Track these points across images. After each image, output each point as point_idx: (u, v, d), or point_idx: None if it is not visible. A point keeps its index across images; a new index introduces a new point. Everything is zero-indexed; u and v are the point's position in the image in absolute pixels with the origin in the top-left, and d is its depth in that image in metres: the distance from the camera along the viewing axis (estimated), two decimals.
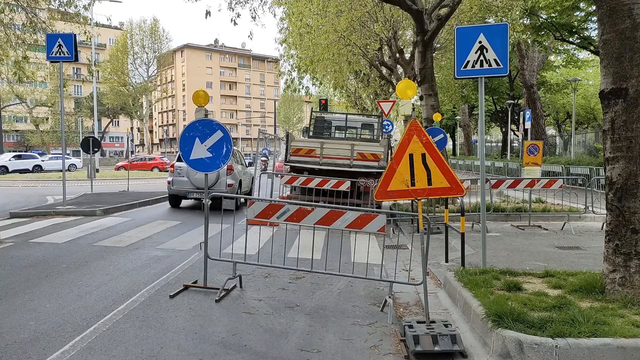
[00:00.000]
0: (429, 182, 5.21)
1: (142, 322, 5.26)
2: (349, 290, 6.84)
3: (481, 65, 6.69)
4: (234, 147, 13.96)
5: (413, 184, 5.22)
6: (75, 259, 8.16)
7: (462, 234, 7.46)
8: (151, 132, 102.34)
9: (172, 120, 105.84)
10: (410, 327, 5.04)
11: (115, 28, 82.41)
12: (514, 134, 43.06)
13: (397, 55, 22.01)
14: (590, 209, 11.97)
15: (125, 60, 65.47)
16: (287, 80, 24.22)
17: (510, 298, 5.40)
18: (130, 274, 7.26)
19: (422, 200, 5.36)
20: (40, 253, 8.60)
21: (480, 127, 7.01)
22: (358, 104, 34.47)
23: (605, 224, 5.63)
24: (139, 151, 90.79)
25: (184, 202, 16.28)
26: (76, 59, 13.08)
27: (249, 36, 18.00)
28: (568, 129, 46.63)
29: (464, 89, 33.92)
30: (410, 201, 13.54)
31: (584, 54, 36.76)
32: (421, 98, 14.84)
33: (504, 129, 40.48)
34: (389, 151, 13.10)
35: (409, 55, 22.74)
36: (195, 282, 6.69)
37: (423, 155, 5.21)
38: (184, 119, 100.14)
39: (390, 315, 5.65)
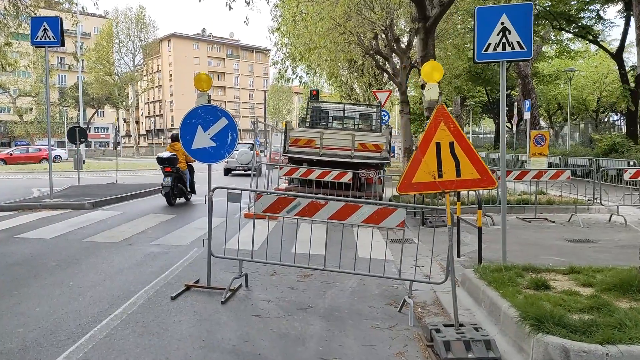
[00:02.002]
0: (458, 173, 4.77)
1: (142, 328, 4.78)
2: (361, 289, 6.42)
3: (503, 48, 6.26)
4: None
5: (440, 176, 4.78)
6: (65, 256, 7.64)
7: (479, 228, 7.06)
8: (137, 123, 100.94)
9: (159, 111, 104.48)
10: (438, 331, 4.63)
11: (100, 17, 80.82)
12: (507, 125, 42.88)
13: (393, 43, 21.53)
14: (598, 200, 11.64)
15: (111, 49, 64.13)
16: (280, 69, 23.66)
17: (542, 298, 5.01)
18: (126, 272, 6.76)
19: (447, 193, 4.92)
20: (27, 250, 8.06)
21: (501, 116, 6.58)
22: (351, 96, 33.97)
23: None
24: (124, 142, 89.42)
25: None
26: (62, 44, 12.41)
27: (244, 22, 17.48)
28: (558, 121, 46.61)
29: (457, 80, 33.54)
30: (413, 194, 13.14)
31: (576, 45, 36.61)
32: (422, 87, 14.40)
33: (496, 120, 40.22)
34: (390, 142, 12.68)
35: (405, 44, 22.28)
36: (197, 281, 6.21)
37: (451, 143, 4.77)
38: (172, 110, 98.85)
39: (411, 317, 5.23)
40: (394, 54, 22.54)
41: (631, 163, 15.54)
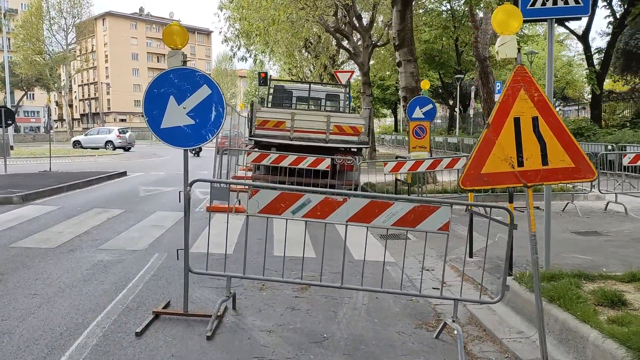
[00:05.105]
0: (545, 160, 3.50)
1: None
2: (377, 306, 5.10)
3: (554, 3, 5.03)
4: None
5: (521, 164, 3.49)
6: None
7: (511, 226, 5.84)
8: (71, 106, 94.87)
9: (94, 94, 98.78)
10: None
11: None
12: (456, 110, 42.60)
13: (355, 21, 20.20)
14: (595, 188, 10.89)
15: (41, 26, 59.15)
16: (232, 47, 21.85)
17: (632, 322, 3.87)
18: (70, 293, 5.10)
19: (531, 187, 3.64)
20: None
21: (548, 87, 5.38)
22: (304, 79, 32.43)
23: None
24: (57, 127, 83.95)
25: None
26: None
27: None
28: None
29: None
30: (396, 180, 11.93)
31: (528, 30, 36.56)
32: (399, 64, 13.18)
33: (450, 104, 39.79)
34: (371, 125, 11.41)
35: (368, 21, 21.01)
36: (168, 305, 4.69)
37: (535, 119, 3.49)
38: (108, 93, 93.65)
39: (460, 351, 3.95)
40: (355, 32, 21.22)
41: (609, 147, 15.01)
